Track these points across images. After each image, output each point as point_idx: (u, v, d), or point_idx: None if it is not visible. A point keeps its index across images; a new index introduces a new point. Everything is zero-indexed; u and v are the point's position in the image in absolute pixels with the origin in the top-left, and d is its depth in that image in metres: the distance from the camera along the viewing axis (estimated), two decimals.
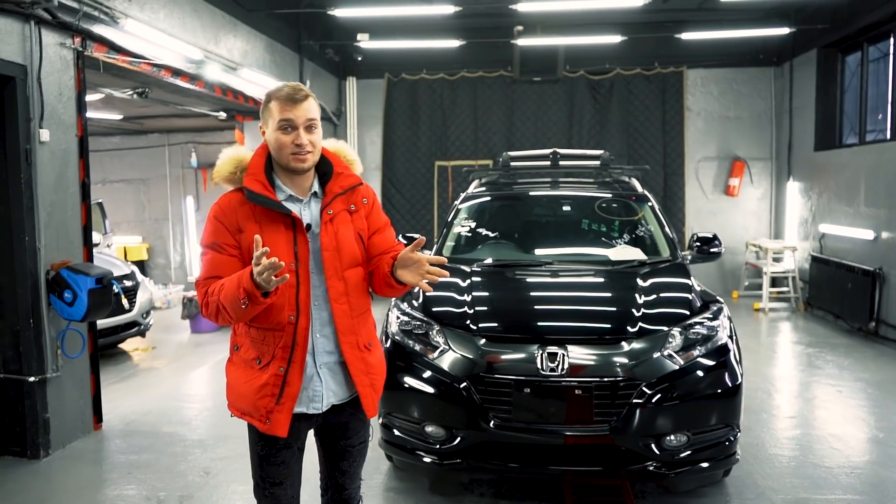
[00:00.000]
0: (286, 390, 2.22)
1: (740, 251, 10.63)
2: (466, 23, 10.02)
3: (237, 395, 2.32)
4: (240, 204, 2.25)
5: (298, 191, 2.30)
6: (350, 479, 2.53)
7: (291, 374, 2.23)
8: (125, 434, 4.99)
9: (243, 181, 2.25)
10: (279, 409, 2.23)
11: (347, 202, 2.36)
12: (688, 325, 3.63)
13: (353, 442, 2.47)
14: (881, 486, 3.99)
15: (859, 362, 6.70)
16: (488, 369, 3.46)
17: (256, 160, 2.30)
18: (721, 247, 4.81)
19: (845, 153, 8.78)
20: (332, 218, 2.29)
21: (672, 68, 10.60)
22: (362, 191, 2.43)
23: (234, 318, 2.15)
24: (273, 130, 2.23)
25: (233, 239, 2.24)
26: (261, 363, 2.25)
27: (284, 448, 2.33)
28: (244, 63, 7.43)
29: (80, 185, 4.86)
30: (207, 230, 2.28)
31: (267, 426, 2.24)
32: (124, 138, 12.03)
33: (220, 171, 2.33)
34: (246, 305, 2.05)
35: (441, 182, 11.05)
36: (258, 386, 2.23)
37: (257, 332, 2.26)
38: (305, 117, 2.22)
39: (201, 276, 2.25)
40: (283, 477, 2.37)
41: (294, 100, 2.21)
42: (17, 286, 4.44)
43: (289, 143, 2.21)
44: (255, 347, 2.27)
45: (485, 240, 4.97)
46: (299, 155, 2.21)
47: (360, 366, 2.33)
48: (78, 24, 4.73)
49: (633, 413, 3.32)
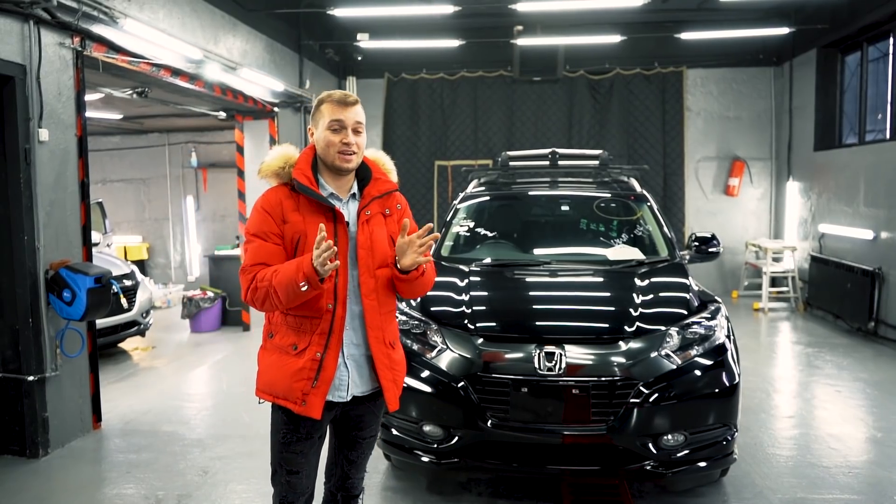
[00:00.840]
0: (322, 374, 2.35)
1: (740, 251, 10.63)
2: (466, 22, 10.02)
3: (270, 380, 2.43)
4: (286, 197, 2.41)
5: (339, 190, 2.46)
6: (356, 468, 2.66)
7: (327, 360, 2.36)
8: (124, 433, 4.99)
9: (292, 174, 2.42)
10: (314, 393, 2.35)
11: (383, 206, 2.53)
12: (685, 325, 3.63)
13: (365, 434, 2.61)
14: (879, 486, 3.99)
15: (858, 362, 6.70)
16: (486, 369, 3.47)
17: (304, 157, 2.46)
18: (719, 246, 4.81)
19: (845, 153, 8.78)
20: (369, 219, 2.46)
21: (672, 68, 10.60)
22: (397, 197, 2.60)
23: (285, 302, 2.27)
24: (323, 130, 2.40)
25: (278, 229, 2.38)
26: (297, 349, 2.38)
27: (306, 438, 2.45)
28: (244, 63, 7.44)
29: (79, 185, 4.87)
30: (254, 220, 2.42)
31: (303, 408, 2.36)
32: (124, 138, 12.04)
33: (270, 165, 2.46)
34: (306, 288, 2.21)
35: (441, 182, 11.05)
36: (295, 370, 2.36)
37: (294, 319, 2.39)
38: (354, 120, 2.40)
39: (247, 262, 2.38)
40: (300, 466, 2.48)
41: (345, 103, 2.39)
42: (17, 285, 4.45)
43: (337, 143, 2.37)
44: (291, 334, 2.40)
45: (483, 239, 4.97)
46: (346, 154, 2.38)
47: (385, 361, 2.47)
48: (77, 24, 4.74)
49: (631, 412, 3.33)
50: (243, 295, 2.38)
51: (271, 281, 2.27)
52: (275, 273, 2.28)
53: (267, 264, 2.35)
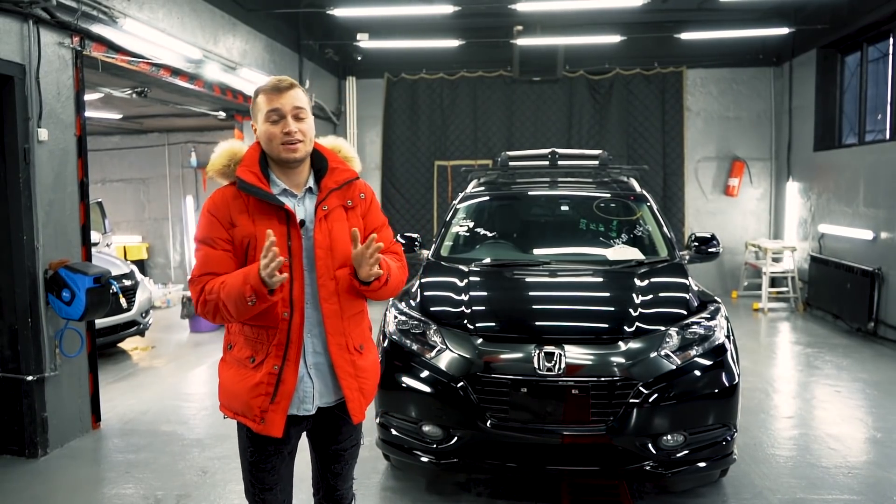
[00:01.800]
0: (281, 389, 2.18)
1: (740, 251, 10.63)
2: (466, 22, 10.01)
3: (230, 395, 2.28)
4: (233, 198, 2.23)
5: (293, 185, 2.28)
6: (342, 480, 2.50)
7: (286, 373, 2.19)
8: (123, 433, 4.99)
9: (236, 172, 2.23)
10: (274, 409, 2.19)
11: (343, 198, 2.32)
12: (685, 325, 3.63)
13: (345, 445, 2.44)
14: (878, 486, 3.99)
15: (858, 362, 6.70)
16: (485, 369, 3.47)
17: (251, 153, 2.28)
18: (719, 247, 4.81)
19: (844, 153, 8.78)
20: (327, 214, 2.26)
21: (671, 68, 10.60)
22: (359, 185, 2.39)
23: (235, 316, 2.12)
24: (262, 123, 2.22)
25: (226, 233, 2.21)
26: (254, 361, 2.21)
27: (275, 454, 2.30)
28: (243, 63, 7.43)
29: (78, 185, 4.86)
30: (201, 224, 2.25)
31: (261, 426, 2.20)
32: (124, 138, 12.03)
33: (214, 164, 2.29)
34: (253, 303, 2.04)
35: (440, 182, 11.05)
36: (252, 385, 2.19)
37: (251, 329, 2.23)
38: (292, 105, 2.20)
39: (195, 272, 2.22)
40: (273, 483, 2.34)
41: (279, 89, 2.20)
42: (16, 285, 4.45)
43: (278, 133, 2.19)
44: (248, 346, 2.24)
45: (483, 239, 4.97)
46: (290, 144, 2.19)
47: (348, 368, 2.28)
48: (76, 24, 4.73)
49: (630, 413, 3.32)
50: (195, 306, 2.21)
51: (219, 294, 2.10)
52: (222, 285, 2.11)
53: (216, 273, 2.17)
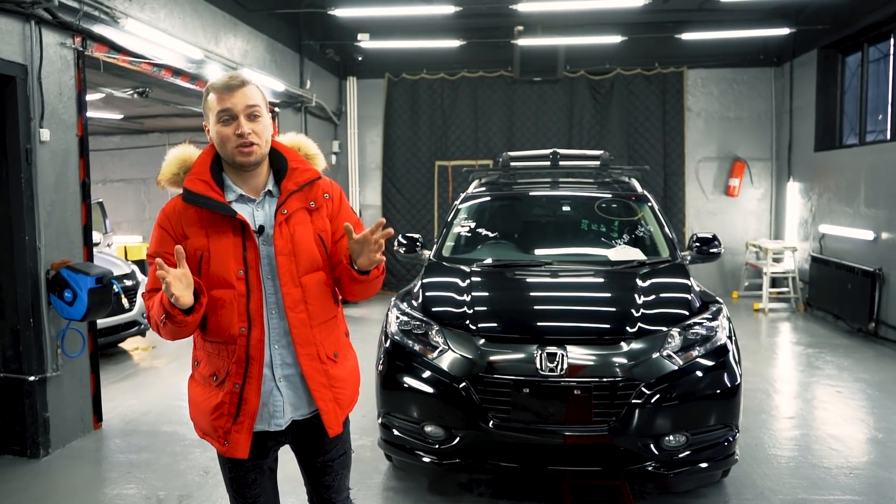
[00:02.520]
0: (244, 408, 2.07)
1: (740, 251, 10.63)
2: (467, 23, 10.01)
3: (197, 414, 2.18)
4: (184, 209, 2.10)
5: (250, 190, 2.13)
6: (336, 492, 2.36)
7: (248, 391, 2.07)
8: (125, 433, 4.99)
9: (184, 182, 2.10)
10: (237, 429, 2.08)
11: (305, 199, 2.16)
12: (687, 326, 3.63)
13: (332, 456, 2.30)
14: (880, 487, 3.99)
15: (859, 363, 6.70)
16: (488, 369, 3.47)
17: (202, 159, 2.14)
18: (720, 247, 4.80)
19: (845, 154, 8.78)
20: (288, 218, 2.11)
21: (672, 68, 10.60)
22: (323, 185, 2.22)
23: (169, 336, 2.04)
24: (214, 124, 2.06)
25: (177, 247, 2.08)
26: (217, 380, 2.11)
27: (253, 469, 2.22)
28: (245, 63, 7.44)
29: (80, 185, 4.86)
30: (152, 239, 2.14)
31: (225, 447, 2.10)
32: (125, 138, 12.06)
33: (164, 173, 2.16)
34: (164, 323, 1.95)
35: (441, 182, 11.05)
36: (214, 405, 2.09)
37: (212, 346, 2.12)
38: (244, 104, 2.04)
39: (147, 287, 2.13)
40: (255, 497, 2.25)
41: (229, 87, 2.04)
42: (18, 285, 4.45)
43: (231, 136, 2.03)
44: (210, 363, 2.14)
45: (484, 240, 4.97)
46: (243, 147, 2.03)
47: (321, 379, 2.15)
48: (78, 24, 4.74)
49: (632, 413, 3.33)
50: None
51: (150, 313, 2.03)
52: (152, 304, 2.02)
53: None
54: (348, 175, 10.87)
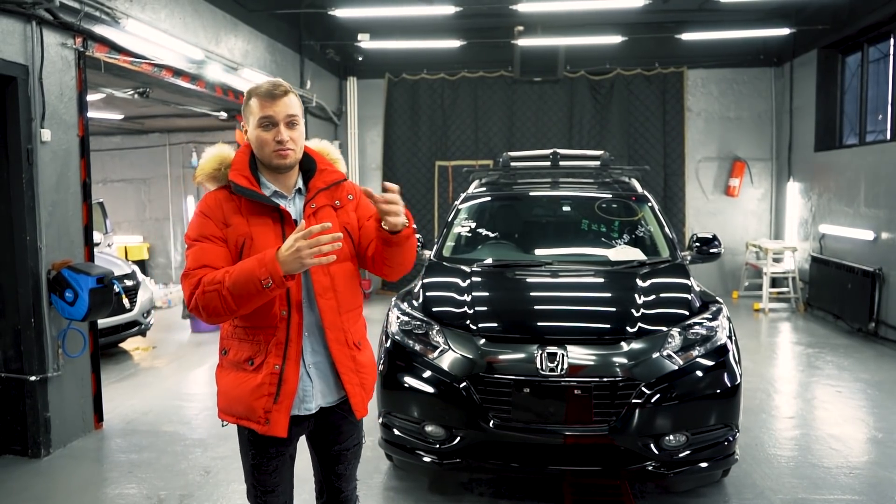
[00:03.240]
0: (283, 388, 2.18)
1: (740, 251, 10.63)
2: (467, 23, 10.02)
3: (230, 400, 2.26)
4: (226, 199, 2.24)
5: (282, 188, 2.29)
6: (346, 481, 2.50)
7: (287, 372, 2.18)
8: (126, 433, 5.00)
9: (228, 175, 2.24)
10: (277, 409, 2.18)
11: (332, 198, 2.33)
12: (687, 326, 3.64)
13: (347, 445, 2.44)
14: (880, 487, 4.00)
15: (859, 363, 6.71)
16: (488, 369, 3.47)
17: (240, 157, 2.29)
18: (721, 247, 4.81)
19: (845, 154, 8.79)
20: (316, 212, 2.27)
21: (672, 68, 10.60)
22: (346, 186, 2.40)
23: (237, 306, 2.07)
24: (254, 128, 2.21)
25: (220, 232, 2.20)
26: (253, 364, 2.21)
27: (276, 456, 2.31)
28: (245, 63, 7.44)
29: (81, 185, 4.87)
30: (193, 225, 2.24)
31: (266, 427, 2.19)
32: (125, 138, 12.04)
33: (204, 168, 2.30)
34: (269, 286, 2.01)
35: (441, 182, 11.05)
36: (254, 387, 2.19)
37: (245, 332, 2.23)
38: (285, 113, 2.19)
39: (189, 266, 2.18)
40: (274, 485, 2.34)
41: (273, 96, 2.18)
42: (19, 285, 4.46)
43: (270, 140, 2.19)
44: (245, 348, 2.23)
45: (485, 240, 4.98)
46: (281, 151, 2.19)
47: (349, 364, 2.29)
48: (79, 25, 4.74)
49: (633, 413, 3.33)
50: (186, 301, 2.16)
51: (223, 282, 2.06)
52: (227, 274, 2.07)
53: (213, 267, 2.14)
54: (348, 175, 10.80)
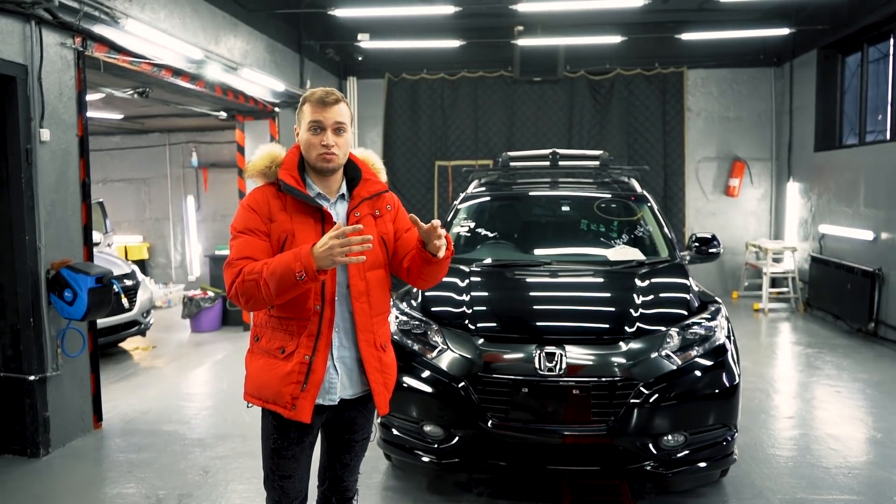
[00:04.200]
0: (311, 377, 2.32)
1: (740, 251, 10.63)
2: (467, 23, 10.02)
3: (259, 385, 2.40)
4: (273, 197, 2.38)
5: (327, 190, 2.43)
6: (350, 471, 2.65)
7: (316, 363, 2.33)
8: (125, 433, 5.00)
9: (278, 174, 2.38)
10: (304, 396, 2.32)
11: (373, 207, 2.47)
12: (686, 326, 3.63)
13: (358, 437, 2.59)
14: (878, 487, 4.00)
15: (858, 363, 6.71)
16: (486, 369, 3.48)
17: (290, 157, 2.43)
18: (720, 247, 4.81)
19: (845, 154, 8.79)
20: (359, 220, 2.38)
21: (672, 68, 10.60)
22: (387, 197, 2.54)
23: (274, 295, 2.20)
24: (304, 131, 2.36)
25: (265, 226, 2.35)
26: (284, 352, 2.35)
27: (297, 443, 2.43)
28: (245, 63, 7.44)
29: (80, 185, 4.87)
30: (240, 216, 2.39)
31: (292, 412, 2.33)
32: (125, 138, 12.04)
33: (256, 165, 2.44)
34: (302, 278, 2.14)
35: (441, 182, 11.06)
36: (284, 374, 2.33)
37: (279, 322, 2.36)
38: (334, 120, 2.34)
39: (233, 256, 2.33)
40: (292, 470, 2.46)
41: (325, 103, 2.34)
42: (18, 285, 4.46)
43: (317, 144, 2.33)
44: (278, 337, 2.37)
45: (484, 240, 4.98)
46: (326, 155, 2.33)
47: (376, 364, 2.44)
48: (78, 24, 4.74)
49: (631, 413, 3.33)
50: (227, 289, 2.31)
51: (262, 272, 2.20)
52: (266, 265, 2.22)
53: (254, 259, 2.29)
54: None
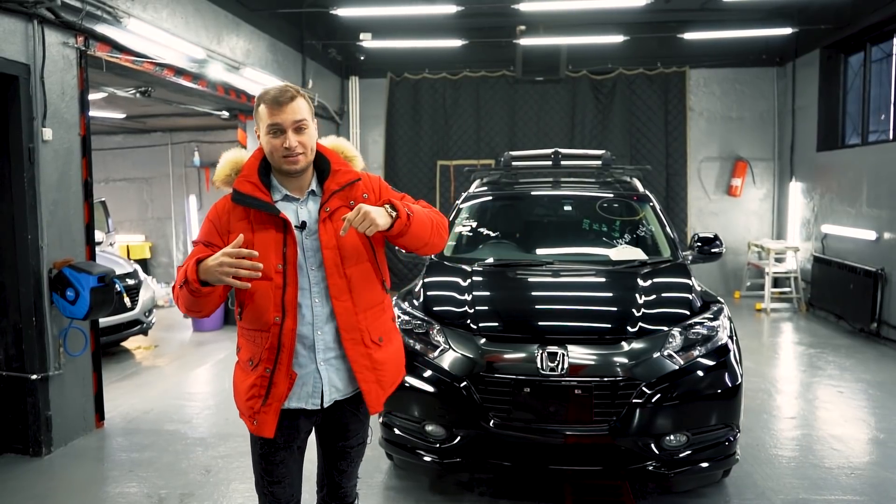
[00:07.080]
0: (272, 391, 2.25)
1: (742, 251, 10.62)
2: (469, 22, 10.02)
3: (235, 395, 2.39)
4: (234, 207, 2.28)
5: (295, 190, 2.32)
6: (347, 478, 2.56)
7: (278, 376, 2.25)
8: (127, 432, 5.01)
9: (234, 183, 2.28)
10: (265, 411, 2.26)
11: (346, 198, 2.33)
12: (688, 326, 3.63)
13: (353, 443, 2.51)
14: (881, 487, 3.99)
15: (861, 363, 6.70)
16: (488, 369, 3.47)
17: (251, 162, 2.32)
18: (722, 247, 4.79)
19: (848, 153, 8.77)
20: (331, 215, 2.29)
21: (675, 68, 10.58)
22: (361, 187, 2.38)
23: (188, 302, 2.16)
24: (264, 135, 2.24)
25: (220, 240, 2.26)
26: (252, 364, 2.30)
27: (283, 448, 2.36)
28: (247, 62, 7.44)
29: (82, 184, 4.88)
30: (201, 229, 2.36)
31: (254, 427, 2.28)
32: (127, 137, 12.06)
33: (219, 174, 2.37)
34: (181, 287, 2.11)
35: (443, 181, 11.05)
36: (248, 386, 2.28)
37: (249, 332, 2.31)
38: (292, 119, 2.20)
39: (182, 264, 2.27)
40: (281, 476, 2.39)
41: (279, 102, 2.19)
42: (20, 284, 4.46)
43: (279, 147, 2.21)
44: (247, 348, 2.33)
45: (486, 239, 4.98)
46: (290, 157, 2.22)
47: (364, 362, 2.33)
48: (81, 24, 4.75)
49: (633, 413, 3.33)
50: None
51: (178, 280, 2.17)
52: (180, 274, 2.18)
53: None
54: None
